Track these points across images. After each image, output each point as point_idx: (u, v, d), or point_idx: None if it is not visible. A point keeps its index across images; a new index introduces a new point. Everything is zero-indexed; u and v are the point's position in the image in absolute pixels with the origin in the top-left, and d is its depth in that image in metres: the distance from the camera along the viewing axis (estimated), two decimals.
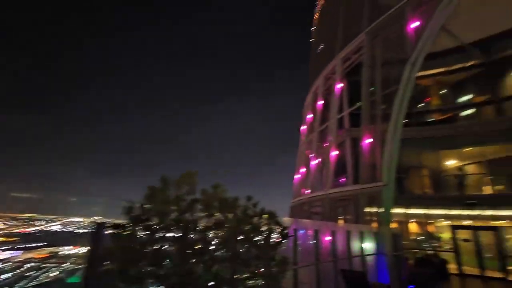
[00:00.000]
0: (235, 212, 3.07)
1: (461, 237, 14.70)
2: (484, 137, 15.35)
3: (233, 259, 2.97)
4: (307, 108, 23.27)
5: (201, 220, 3.06)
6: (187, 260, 2.76)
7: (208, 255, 2.91)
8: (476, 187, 16.14)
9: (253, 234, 3.08)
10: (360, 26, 16.00)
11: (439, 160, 16.59)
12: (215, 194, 3.14)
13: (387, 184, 11.50)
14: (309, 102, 22.98)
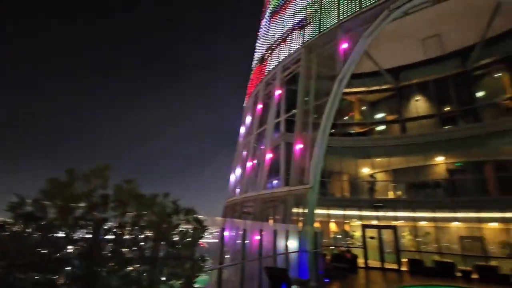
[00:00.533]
0: (152, 210, 2.91)
1: (368, 235, 16.99)
2: (391, 150, 18.14)
3: (149, 260, 2.81)
4: (247, 110, 23.76)
5: (114, 219, 2.81)
6: (93, 264, 2.48)
7: (118, 258, 2.68)
8: (383, 192, 18.91)
9: (171, 233, 2.96)
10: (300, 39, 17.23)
11: (356, 167, 18.94)
12: (130, 190, 2.91)
13: (313, 186, 12.54)
14: (249, 104, 23.50)
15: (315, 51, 16.15)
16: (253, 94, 22.68)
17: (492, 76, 17.07)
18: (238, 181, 21.87)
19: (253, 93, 22.65)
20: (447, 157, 17.07)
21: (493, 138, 15.22)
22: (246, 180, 19.54)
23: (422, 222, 16.65)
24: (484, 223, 14.76)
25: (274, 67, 19.47)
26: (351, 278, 12.69)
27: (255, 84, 22.66)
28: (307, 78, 15.84)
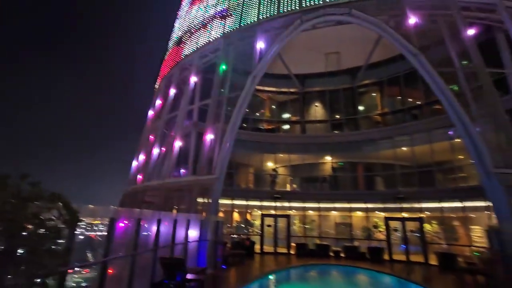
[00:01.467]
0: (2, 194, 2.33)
1: (266, 223, 18.60)
2: (292, 148, 20.27)
3: None
4: (158, 93, 22.13)
5: None
6: None
7: None
8: (282, 184, 21.00)
9: (26, 222, 2.45)
10: None
11: (262, 161, 20.39)
12: None
13: (219, 177, 12.79)
14: (161, 87, 21.93)
15: (234, 44, 16.37)
16: (166, 77, 21.26)
17: (370, 95, 21.24)
18: (141, 168, 20.22)
19: (167, 75, 21.24)
20: (333, 157, 20.31)
21: (364, 144, 19.02)
22: (151, 168, 18.27)
23: (310, 211, 19.36)
24: (353, 212, 18.34)
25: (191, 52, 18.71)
26: (247, 263, 13.64)
27: (170, 66, 21.28)
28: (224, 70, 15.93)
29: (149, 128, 21.95)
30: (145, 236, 7.56)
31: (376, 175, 18.71)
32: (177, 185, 15.05)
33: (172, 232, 8.64)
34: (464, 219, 15.07)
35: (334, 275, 11.84)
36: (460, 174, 15.75)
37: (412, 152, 17.15)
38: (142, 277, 7.05)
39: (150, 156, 19.17)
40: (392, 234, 16.77)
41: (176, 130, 17.01)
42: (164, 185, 15.18)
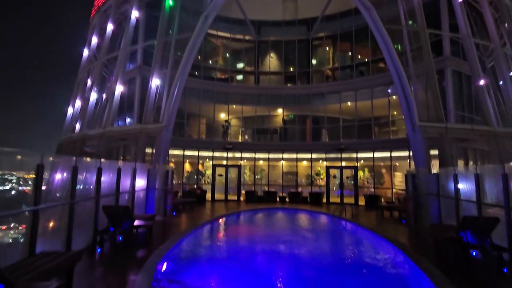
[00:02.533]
0: None
1: (218, 173, 19.04)
2: (245, 99, 20.05)
3: None
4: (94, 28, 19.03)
5: None
6: None
7: None
8: (234, 135, 21.16)
9: None
10: None
11: (214, 112, 19.91)
12: None
13: (167, 125, 12.21)
14: (96, 22, 18.80)
15: None
16: (102, 9, 18.15)
17: (324, 48, 21.40)
18: (78, 116, 18.16)
19: (103, 7, 18.12)
20: (285, 109, 20.81)
21: (314, 98, 19.74)
22: (89, 115, 16.51)
23: (260, 161, 20.25)
24: (299, 162, 19.73)
25: None
26: (197, 210, 14.11)
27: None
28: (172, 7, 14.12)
29: (84, 70, 19.24)
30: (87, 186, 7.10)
31: (322, 128, 19.95)
32: (121, 134, 14.01)
33: (116, 180, 8.26)
34: (389, 167, 17.43)
35: (279, 216, 13.05)
36: (392, 128, 17.69)
37: (355, 107, 18.44)
38: (84, 226, 6.79)
39: (87, 103, 17.17)
40: (331, 181, 18.76)
41: (117, 73, 15.21)
42: (106, 133, 14.00)
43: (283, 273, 5.68)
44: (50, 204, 5.56)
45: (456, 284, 4.53)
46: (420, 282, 5.14)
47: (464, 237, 6.19)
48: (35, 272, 3.89)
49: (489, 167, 7.23)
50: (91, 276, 5.11)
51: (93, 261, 5.90)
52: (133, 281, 4.60)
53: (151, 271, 5.06)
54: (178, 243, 7.34)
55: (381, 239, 8.19)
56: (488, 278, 5.35)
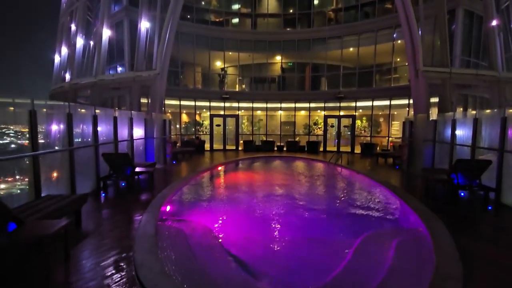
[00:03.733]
0: None
1: (215, 123, 19.00)
2: (241, 45, 18.95)
3: None
4: None
5: None
6: None
7: None
8: (231, 85, 20.56)
9: None
10: None
11: (209, 60, 18.96)
12: None
13: (160, 73, 11.72)
14: None
15: None
16: None
17: None
18: (66, 65, 17.29)
19: None
20: (283, 56, 19.86)
21: (314, 43, 18.68)
22: (78, 63, 15.71)
23: (258, 111, 20.05)
24: (298, 111, 19.56)
25: None
26: (196, 158, 14.42)
27: None
28: None
29: (66, 14, 17.69)
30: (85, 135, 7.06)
31: (321, 76, 19.32)
32: (113, 83, 13.51)
33: (113, 128, 8.20)
34: (387, 116, 17.39)
35: (276, 163, 13.41)
36: (394, 76, 17.16)
37: (357, 53, 17.58)
38: (86, 173, 6.95)
39: (74, 50, 16.16)
40: (328, 130, 18.88)
41: (102, 15, 14.00)
42: (98, 83, 13.49)
43: (279, 211, 6.01)
44: (48, 150, 5.57)
45: (441, 219, 4.83)
46: (408, 218, 5.48)
47: (455, 179, 6.44)
48: (43, 212, 4.06)
49: (489, 112, 7.18)
50: (99, 216, 5.39)
51: (99, 204, 6.16)
52: (139, 220, 4.85)
53: (156, 212, 5.32)
54: (181, 187, 7.62)
55: (373, 181, 8.54)
56: (472, 214, 5.71)
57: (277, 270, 3.72)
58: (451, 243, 4.00)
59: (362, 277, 3.52)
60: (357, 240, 4.47)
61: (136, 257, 3.52)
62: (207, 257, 3.97)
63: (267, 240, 4.64)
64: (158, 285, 2.93)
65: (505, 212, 5.71)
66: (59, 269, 3.32)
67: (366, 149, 16.42)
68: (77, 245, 3.99)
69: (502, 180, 6.18)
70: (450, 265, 3.40)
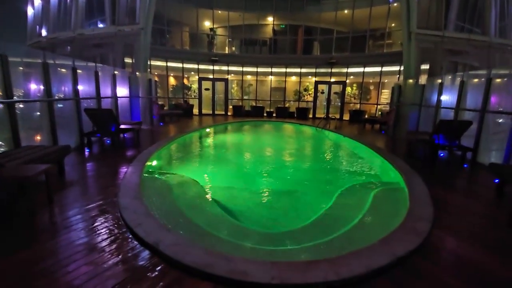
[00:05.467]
0: None
1: (204, 87, 18.48)
2: (230, 3, 17.86)
3: None
4: None
5: None
6: None
7: None
8: (220, 47, 19.71)
9: None
10: None
11: (197, 19, 17.88)
12: None
13: (144, 28, 11.03)
14: None
15: None
16: None
17: None
18: (41, 17, 15.97)
19: None
20: (275, 17, 18.93)
21: (308, 4, 17.79)
22: (54, 16, 14.53)
23: (248, 76, 19.53)
24: (288, 76, 19.17)
25: None
26: (184, 121, 14.21)
27: None
28: None
29: None
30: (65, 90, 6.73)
31: (314, 40, 18.71)
32: (93, 37, 12.67)
33: (95, 83, 7.86)
34: (378, 84, 17.32)
35: (265, 127, 13.43)
36: (387, 41, 16.79)
37: (352, 16, 16.93)
38: (68, 129, 6.75)
39: (49, 1, 14.84)
40: (319, 97, 18.76)
41: None
42: (77, 37, 12.62)
43: (266, 169, 6.12)
44: (25, 99, 5.32)
45: (420, 175, 5.05)
46: (389, 174, 5.70)
47: (436, 140, 6.63)
48: (23, 159, 3.96)
49: (475, 73, 7.23)
50: (83, 169, 5.34)
51: (83, 158, 6.08)
52: (124, 172, 4.84)
53: (142, 164, 5.30)
54: (167, 145, 7.58)
55: (358, 144, 8.73)
56: (448, 170, 5.99)
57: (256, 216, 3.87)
58: (426, 192, 4.21)
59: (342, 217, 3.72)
60: (338, 191, 4.65)
61: (121, 202, 3.56)
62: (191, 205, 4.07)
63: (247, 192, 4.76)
64: (142, 224, 3.00)
65: (479, 169, 6.01)
66: (43, 212, 3.33)
67: (354, 116, 16.55)
68: (60, 191, 3.98)
69: (480, 141, 6.41)
70: (422, 210, 3.61)
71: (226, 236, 3.21)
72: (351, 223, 3.51)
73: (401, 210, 3.65)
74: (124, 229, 2.96)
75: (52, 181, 3.76)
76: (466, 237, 3.04)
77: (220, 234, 3.23)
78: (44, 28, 15.75)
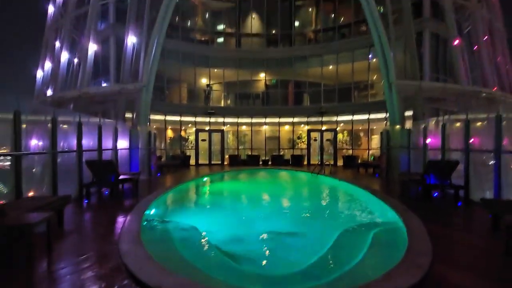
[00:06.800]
0: None
1: (201, 138, 19.10)
2: (226, 62, 19.61)
3: None
4: None
5: None
6: None
7: None
8: (216, 100, 20.96)
9: None
10: None
11: (195, 76, 19.40)
12: None
13: (146, 85, 11.92)
14: None
15: None
16: None
17: (306, 9, 20.87)
18: (50, 79, 17.15)
19: None
20: (267, 73, 20.63)
21: (296, 61, 19.64)
22: (62, 78, 15.65)
23: (243, 126, 20.41)
24: (282, 126, 20.09)
25: None
26: (182, 172, 14.35)
27: None
28: None
29: (51, 29, 17.81)
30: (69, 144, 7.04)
31: (303, 92, 20.14)
32: (98, 96, 13.52)
33: (98, 136, 8.21)
34: (367, 130, 18.20)
35: (261, 174, 13.60)
36: (371, 92, 18.19)
37: (336, 70, 18.61)
38: (69, 180, 6.85)
39: (58, 65, 16.16)
40: (312, 144, 19.42)
41: (89, 29, 14.24)
42: (83, 95, 13.45)
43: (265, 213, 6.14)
44: (31, 152, 5.54)
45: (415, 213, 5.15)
46: (386, 214, 5.77)
47: (427, 179, 6.87)
48: (25, 209, 4.02)
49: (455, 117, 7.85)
50: (81, 219, 5.32)
51: (81, 209, 6.06)
52: (123, 221, 4.84)
53: (141, 214, 5.32)
54: (166, 194, 7.62)
55: (354, 187, 8.87)
56: (443, 208, 6.09)
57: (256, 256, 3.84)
58: (423, 230, 4.28)
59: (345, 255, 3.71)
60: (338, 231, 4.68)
61: (121, 247, 3.55)
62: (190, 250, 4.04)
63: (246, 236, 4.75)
64: (143, 268, 2.99)
65: (473, 206, 6.13)
66: (42, 259, 3.29)
67: (348, 161, 16.95)
68: (60, 240, 3.95)
69: (470, 179, 6.67)
70: (421, 245, 3.66)
71: (225, 279, 3.17)
72: (353, 261, 3.51)
73: (400, 247, 3.69)
74: (125, 274, 2.94)
75: (52, 230, 3.77)
76: (466, 269, 3.08)
77: (220, 277, 3.19)
78: (51, 88, 16.81)
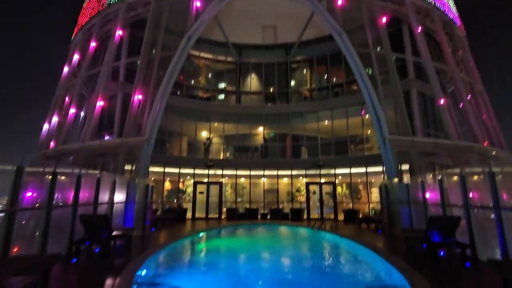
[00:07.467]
0: None
1: (199, 190, 18.86)
2: (226, 117, 20.52)
3: None
4: (75, 47, 19.13)
5: None
6: None
7: None
8: (216, 153, 21.30)
9: None
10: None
11: (196, 130, 20.10)
12: None
13: (149, 138, 12.26)
14: (79, 39, 18.97)
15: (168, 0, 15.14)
16: (85, 28, 18.43)
17: (301, 71, 22.72)
18: (55, 132, 17.65)
19: (86, 26, 18.42)
20: (265, 128, 21.43)
21: (293, 117, 20.60)
22: (67, 131, 16.14)
23: (241, 179, 20.35)
24: (280, 178, 20.06)
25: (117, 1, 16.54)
26: (177, 226, 13.81)
27: (90, 15, 18.46)
28: (156, 27, 14.72)
29: (63, 86, 19.03)
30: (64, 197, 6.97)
31: (301, 145, 20.64)
32: (100, 149, 13.77)
33: (95, 190, 8.14)
34: (366, 182, 18.17)
35: (259, 230, 13.08)
36: (367, 145, 18.68)
37: (332, 125, 19.41)
38: (59, 235, 6.58)
39: (65, 119, 16.83)
40: (311, 197, 19.13)
41: (99, 88, 15.22)
42: (85, 148, 13.70)
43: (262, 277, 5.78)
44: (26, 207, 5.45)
45: (424, 277, 4.88)
46: (392, 276, 5.45)
47: (431, 237, 6.65)
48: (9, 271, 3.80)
49: (451, 171, 7.96)
50: (67, 280, 4.97)
51: (68, 269, 5.70)
52: (111, 284, 4.54)
53: (131, 275, 5.01)
54: (158, 253, 7.24)
55: (357, 245, 8.50)
56: (452, 270, 5.76)
57: None
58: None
59: None
60: None
61: None
62: None
63: None
64: None
65: (482, 267, 5.81)
66: None
67: (349, 215, 16.49)
68: None
69: (475, 235, 6.46)
70: None
71: None
72: None
73: None
74: None
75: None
76: None
77: None
78: (54, 140, 17.19)
